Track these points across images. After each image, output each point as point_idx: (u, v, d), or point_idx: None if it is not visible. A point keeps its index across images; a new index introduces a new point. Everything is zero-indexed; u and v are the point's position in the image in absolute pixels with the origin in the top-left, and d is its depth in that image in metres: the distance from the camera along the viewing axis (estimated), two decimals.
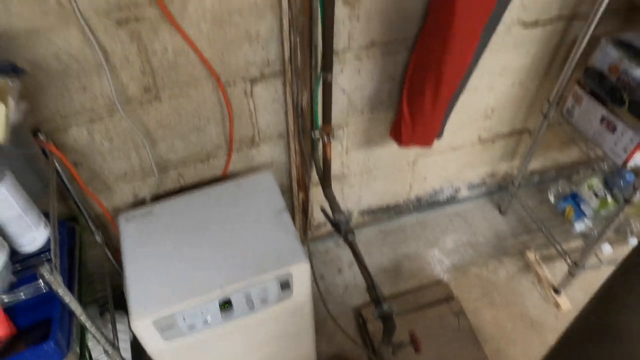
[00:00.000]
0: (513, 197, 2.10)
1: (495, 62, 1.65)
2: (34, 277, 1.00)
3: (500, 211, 2.20)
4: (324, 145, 1.53)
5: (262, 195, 1.50)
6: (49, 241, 1.13)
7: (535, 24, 1.57)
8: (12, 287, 1.06)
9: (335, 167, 1.83)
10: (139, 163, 1.52)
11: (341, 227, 1.50)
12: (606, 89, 1.50)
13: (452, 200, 2.25)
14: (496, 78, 1.72)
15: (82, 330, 1.38)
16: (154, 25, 1.24)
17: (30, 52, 1.17)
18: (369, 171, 1.90)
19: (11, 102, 0.99)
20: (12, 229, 1.05)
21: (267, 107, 1.53)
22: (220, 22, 1.29)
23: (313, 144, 1.62)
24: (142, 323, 1.25)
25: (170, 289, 1.30)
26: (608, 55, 1.48)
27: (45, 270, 1.01)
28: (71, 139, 1.38)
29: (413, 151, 1.90)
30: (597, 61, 1.53)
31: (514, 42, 1.60)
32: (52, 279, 1.03)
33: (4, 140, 0.98)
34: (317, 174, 1.67)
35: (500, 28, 1.49)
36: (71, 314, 1.24)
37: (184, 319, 1.28)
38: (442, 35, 1.26)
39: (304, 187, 1.74)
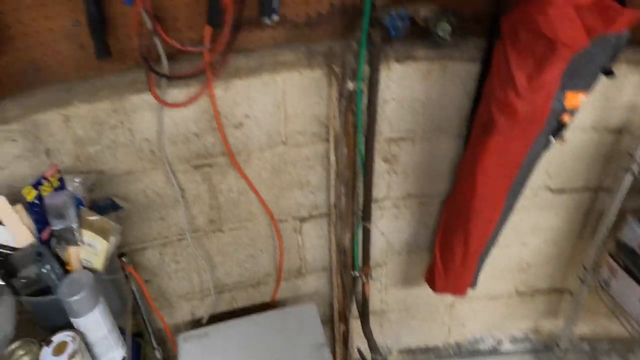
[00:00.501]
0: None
1: (525, 221, 1.72)
2: None
3: None
4: (363, 285, 1.64)
5: (306, 328, 1.63)
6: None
7: (561, 190, 1.66)
8: None
9: (374, 303, 1.90)
10: (199, 284, 1.70)
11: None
12: (638, 265, 1.50)
13: (494, 352, 2.19)
14: (528, 235, 1.78)
15: None
16: (223, 170, 1.48)
17: (124, 189, 1.43)
18: (407, 309, 1.95)
19: (112, 239, 1.21)
20: (98, 349, 1.17)
21: (314, 243, 1.69)
22: (278, 171, 1.51)
23: (354, 280, 1.74)
24: None
25: None
26: (635, 233, 1.50)
27: None
28: (145, 259, 1.59)
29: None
30: (626, 237, 1.55)
31: (542, 204, 1.69)
32: None
33: (102, 270, 1.19)
34: (357, 308, 1.76)
35: (528, 191, 1.59)
36: None
37: None
38: (467, 199, 1.39)
39: (345, 319, 1.82)
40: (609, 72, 1.17)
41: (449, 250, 1.53)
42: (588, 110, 1.46)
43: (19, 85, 1.31)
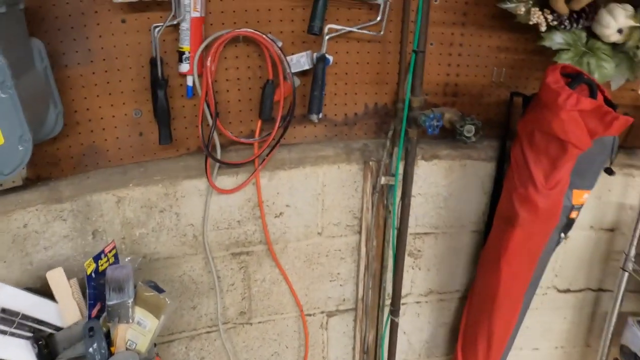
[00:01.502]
0: None
1: (536, 323, 1.71)
2: None
3: None
4: None
5: None
6: None
7: (567, 290, 1.71)
8: None
9: None
10: None
11: None
12: None
13: None
14: (539, 339, 1.77)
15: None
16: (260, 259, 1.46)
17: (163, 274, 1.38)
18: None
19: (162, 318, 1.14)
20: None
21: (338, 340, 1.62)
22: (310, 262, 1.50)
23: None
24: None
25: None
26: (636, 337, 1.54)
27: None
28: (170, 354, 1.47)
29: None
30: (629, 341, 1.57)
31: (551, 305, 1.71)
32: None
33: (145, 354, 1.10)
34: None
35: (539, 291, 1.59)
36: None
37: None
38: (491, 293, 1.40)
39: None
40: (610, 172, 1.30)
41: (472, 349, 1.50)
42: (585, 210, 1.56)
43: (76, 168, 1.31)
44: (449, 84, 1.44)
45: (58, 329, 1.08)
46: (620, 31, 1.19)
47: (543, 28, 1.20)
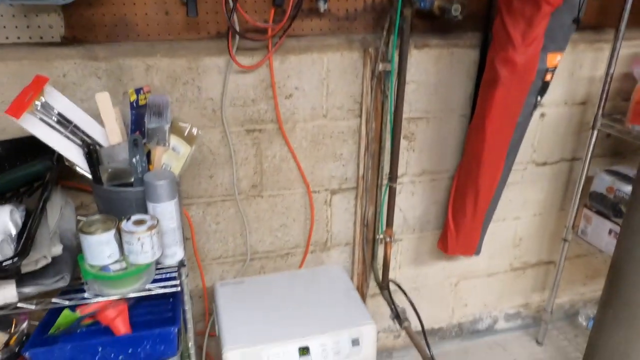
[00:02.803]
0: (547, 329, 2.06)
1: (517, 195, 1.88)
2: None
3: (537, 342, 2.11)
4: (386, 245, 1.67)
5: (334, 279, 1.62)
6: (180, 261, 1.20)
7: (544, 164, 1.86)
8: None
9: None
10: (233, 249, 1.66)
11: (400, 315, 1.54)
12: (607, 206, 1.69)
13: (491, 330, 2.19)
14: (520, 209, 1.93)
15: None
16: (271, 137, 1.56)
17: None
18: (417, 289, 1.94)
19: (194, 147, 1.24)
20: (166, 240, 1.14)
21: (341, 216, 1.73)
22: (316, 142, 1.61)
23: (373, 254, 1.76)
24: (232, 354, 1.23)
25: (258, 333, 1.34)
26: (604, 180, 1.72)
27: (183, 273, 1.12)
28: (189, 215, 1.57)
29: (455, 272, 1.98)
30: (597, 187, 1.75)
31: (530, 178, 1.87)
32: (185, 281, 1.12)
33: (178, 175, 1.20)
34: (376, 281, 1.75)
35: (519, 166, 1.79)
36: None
37: (267, 358, 1.25)
38: (477, 154, 1.54)
39: (362, 295, 1.78)
40: (578, 22, 1.38)
41: (461, 208, 1.63)
42: (559, 86, 1.72)
43: (109, 37, 1.40)
44: None
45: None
46: None
47: None
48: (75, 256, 1.12)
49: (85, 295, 1.10)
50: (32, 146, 1.16)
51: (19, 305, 1.03)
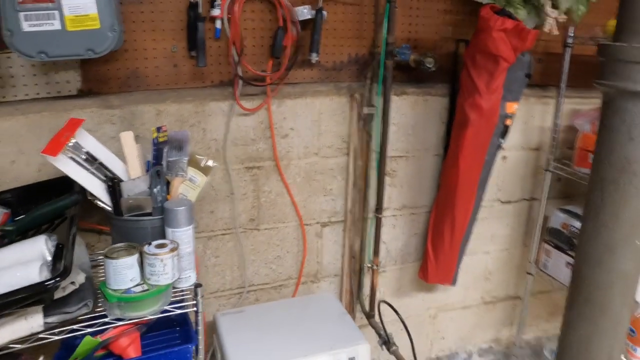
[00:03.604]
0: None
1: (486, 231, 2.06)
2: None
3: None
4: (373, 273, 1.79)
5: (327, 306, 1.72)
6: (195, 283, 1.28)
7: (509, 202, 2.07)
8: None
9: None
10: (230, 282, 1.74)
11: (389, 339, 1.66)
12: (563, 241, 1.88)
13: None
14: (489, 244, 2.10)
15: None
16: (268, 173, 1.70)
17: None
18: (398, 320, 2.02)
19: (209, 177, 1.37)
20: (183, 263, 1.23)
21: (330, 247, 1.85)
22: (308, 178, 1.76)
23: (360, 284, 1.87)
24: None
25: (262, 356, 1.45)
26: (559, 217, 1.91)
27: (199, 294, 1.21)
28: None
29: (434, 304, 2.10)
30: (553, 223, 1.94)
31: (497, 215, 2.06)
32: (201, 301, 1.21)
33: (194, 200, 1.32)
34: (363, 311, 1.86)
35: (487, 203, 1.98)
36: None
37: None
38: (452, 187, 1.72)
39: None
40: (529, 76, 1.63)
41: (439, 238, 1.79)
42: (516, 133, 1.94)
43: (121, 87, 1.55)
44: (410, 39, 1.80)
45: None
46: None
47: None
48: (93, 286, 1.19)
49: (107, 319, 1.15)
50: (40, 192, 1.29)
51: (41, 335, 1.06)
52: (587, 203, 1.04)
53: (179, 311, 1.20)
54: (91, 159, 1.21)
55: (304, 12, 1.63)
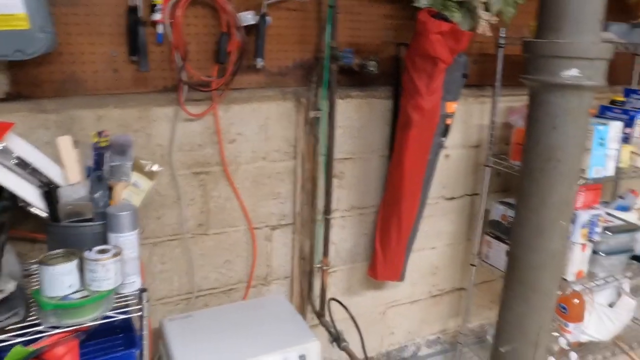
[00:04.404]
0: (462, 352, 2.22)
1: (432, 227, 2.11)
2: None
3: None
4: (323, 272, 1.80)
5: (278, 306, 1.71)
6: (140, 288, 1.24)
7: (452, 198, 2.13)
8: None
9: None
10: (178, 288, 1.70)
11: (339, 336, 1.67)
12: (502, 231, 1.97)
13: (415, 357, 2.32)
14: (435, 240, 2.15)
15: None
16: (216, 178, 1.67)
17: None
18: (349, 319, 2.04)
19: (154, 182, 1.33)
20: (127, 269, 1.19)
21: (280, 250, 1.84)
22: (257, 182, 1.74)
23: (310, 285, 1.87)
24: None
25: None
26: (498, 210, 2.00)
27: (144, 299, 1.17)
28: None
29: (383, 301, 2.13)
30: (493, 215, 2.03)
31: (442, 211, 2.12)
32: (147, 306, 1.17)
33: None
34: (314, 311, 1.86)
35: (432, 201, 2.04)
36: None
37: None
38: (398, 186, 1.76)
39: None
40: (466, 76, 1.70)
41: (387, 236, 1.82)
42: (457, 132, 2.01)
43: (57, 92, 1.48)
44: (353, 44, 1.82)
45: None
46: None
47: None
48: (25, 295, 1.12)
49: (41, 328, 1.10)
50: None
51: None
52: (518, 192, 1.10)
53: (122, 317, 1.16)
54: (23, 164, 1.15)
55: (248, 18, 1.63)
